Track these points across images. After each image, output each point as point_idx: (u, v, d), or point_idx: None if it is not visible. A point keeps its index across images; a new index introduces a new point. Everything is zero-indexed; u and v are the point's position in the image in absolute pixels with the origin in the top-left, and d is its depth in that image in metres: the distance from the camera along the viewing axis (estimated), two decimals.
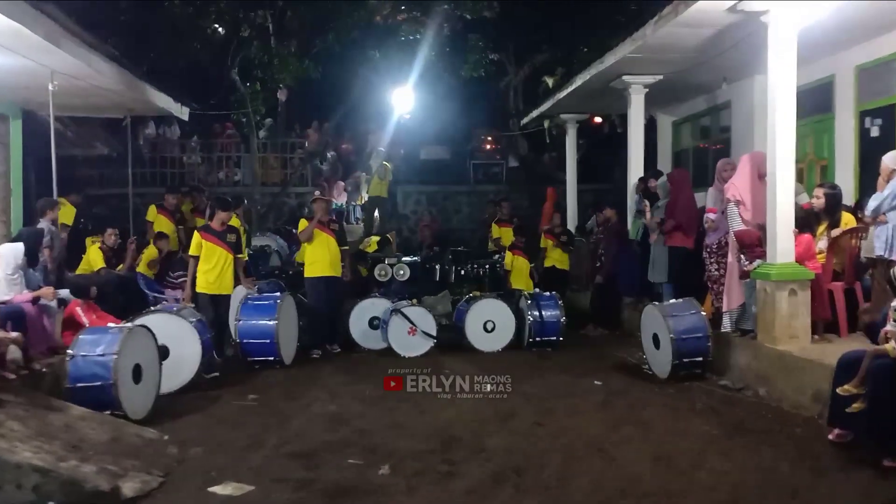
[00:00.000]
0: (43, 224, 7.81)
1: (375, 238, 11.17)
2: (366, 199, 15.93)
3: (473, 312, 9.05)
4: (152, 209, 11.09)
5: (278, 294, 8.50)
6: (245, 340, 8.07)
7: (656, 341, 7.44)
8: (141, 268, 9.49)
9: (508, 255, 10.55)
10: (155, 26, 11.47)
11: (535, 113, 13.44)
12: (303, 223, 9.04)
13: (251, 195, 14.29)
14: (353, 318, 9.13)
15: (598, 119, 19.87)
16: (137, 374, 6.13)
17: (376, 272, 10.56)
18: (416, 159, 17.76)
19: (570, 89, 10.99)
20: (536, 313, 9.08)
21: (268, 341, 7.99)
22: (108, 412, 5.75)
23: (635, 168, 10.29)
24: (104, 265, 8.92)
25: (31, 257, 7.08)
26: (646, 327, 7.72)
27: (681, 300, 7.67)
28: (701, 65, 9.08)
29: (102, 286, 8.77)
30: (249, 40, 13.52)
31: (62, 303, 7.16)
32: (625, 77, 9.97)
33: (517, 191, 17.33)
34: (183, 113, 10.91)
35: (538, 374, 7.75)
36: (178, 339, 7.04)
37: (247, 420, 6.20)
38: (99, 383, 5.78)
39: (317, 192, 9.22)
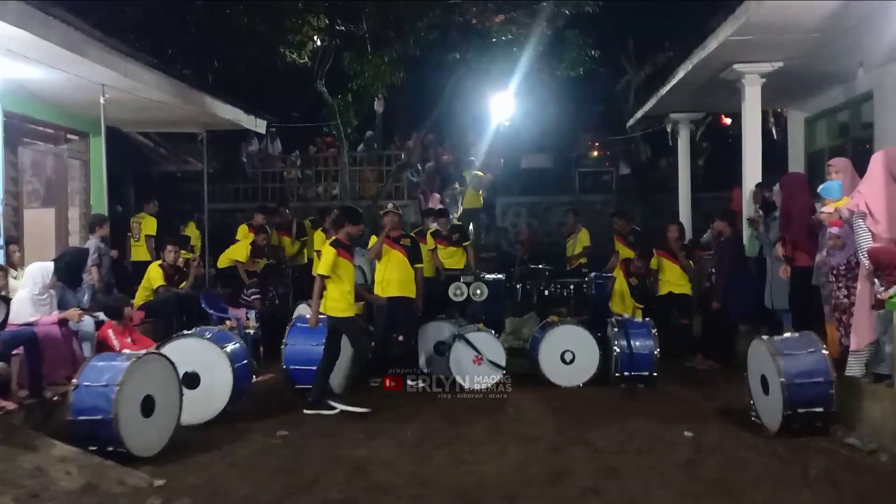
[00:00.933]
0: (92, 242, 7.56)
1: (453, 249, 10.24)
2: (460, 212, 15.09)
3: (549, 341, 7.92)
4: (243, 228, 10.84)
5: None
6: (292, 367, 7.42)
7: (765, 385, 6.04)
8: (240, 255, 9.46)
9: (618, 274, 9.28)
10: (228, 37, 11.20)
11: (639, 113, 12.04)
12: (373, 239, 8.32)
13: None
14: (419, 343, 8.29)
15: (726, 119, 18.03)
16: (148, 406, 5.58)
17: (451, 291, 9.64)
18: (516, 168, 16.72)
19: (672, 83, 9.59)
20: (625, 343, 7.83)
21: (314, 368, 7.30)
22: (110, 448, 5.25)
23: (751, 172, 8.75)
24: (164, 283, 8.62)
25: (72, 277, 6.80)
26: (753, 366, 6.31)
27: (797, 334, 6.20)
28: (826, 47, 7.52)
29: (160, 305, 8.55)
30: (337, 49, 13.07)
31: (101, 325, 6.81)
32: (736, 66, 8.50)
33: (628, 200, 15.88)
34: (259, 126, 10.57)
35: (616, 417, 6.52)
36: (209, 365, 6.48)
37: (262, 463, 5.48)
38: (99, 417, 5.26)
39: (389, 205, 8.42)
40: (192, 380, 6.44)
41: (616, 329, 7.92)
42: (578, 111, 16.85)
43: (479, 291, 9.65)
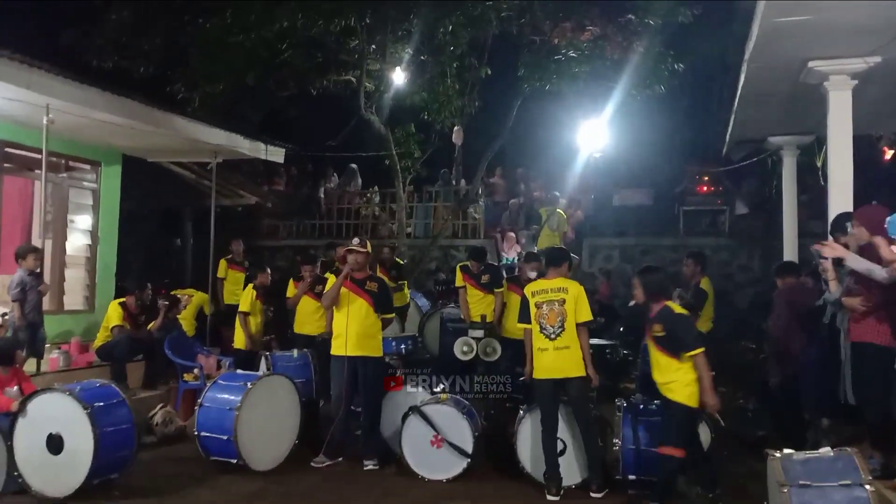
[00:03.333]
0: (17, 274, 6.84)
1: (481, 295, 8.53)
2: None
3: (529, 423, 6.05)
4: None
5: (258, 373, 6.51)
6: (203, 433, 6.16)
7: None
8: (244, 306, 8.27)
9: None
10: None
11: (729, 137, 9.66)
12: (331, 280, 6.92)
13: (398, 247, 12.62)
14: (385, 414, 6.70)
15: (888, 151, 14.78)
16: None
17: (456, 348, 7.94)
18: (608, 205, 14.56)
19: (738, 91, 7.39)
20: (629, 434, 5.77)
21: (225, 437, 6.00)
22: None
23: (838, 207, 6.34)
24: (120, 323, 7.78)
25: None
26: (773, 495, 4.15)
27: (830, 453, 3.96)
28: None
29: (112, 347, 7.72)
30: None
31: None
32: (813, 64, 6.26)
33: (744, 245, 13.26)
34: (272, 154, 9.65)
35: None
36: (72, 428, 5.39)
37: None
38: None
39: (354, 241, 6.90)
40: (56, 443, 5.40)
41: (620, 413, 5.88)
42: (683, 140, 14.44)
43: (489, 349, 7.87)
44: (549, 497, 5.62)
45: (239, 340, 8.28)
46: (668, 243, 13.68)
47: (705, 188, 14.00)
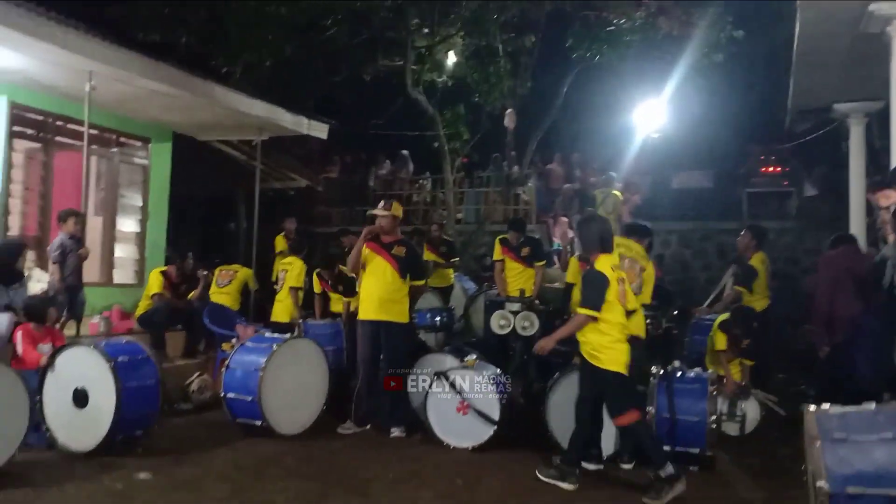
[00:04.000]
0: (59, 237, 7.00)
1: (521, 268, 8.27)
2: None
3: (559, 394, 5.76)
4: None
5: (286, 336, 6.44)
6: (228, 394, 6.13)
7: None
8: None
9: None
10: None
11: (790, 106, 9.03)
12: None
13: (446, 226, 12.43)
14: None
15: None
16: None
17: (493, 322, 7.70)
18: (667, 188, 13.97)
19: (795, 46, 6.87)
20: (664, 402, 5.42)
21: (249, 398, 5.96)
22: None
23: None
24: (160, 290, 7.89)
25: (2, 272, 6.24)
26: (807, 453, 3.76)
27: (870, 408, 3.55)
28: None
29: (151, 315, 7.84)
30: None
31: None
32: (875, 6, 5.75)
33: (811, 228, 12.50)
34: (314, 130, 9.63)
35: None
36: (96, 383, 5.43)
37: None
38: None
39: (380, 205, 6.82)
40: (82, 397, 5.46)
41: (655, 381, 5.53)
42: (745, 117, 13.71)
43: (526, 324, 7.60)
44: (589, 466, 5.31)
45: (277, 313, 8.27)
46: (730, 227, 13.00)
47: (771, 168, 13.27)
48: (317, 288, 8.22)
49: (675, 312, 9.59)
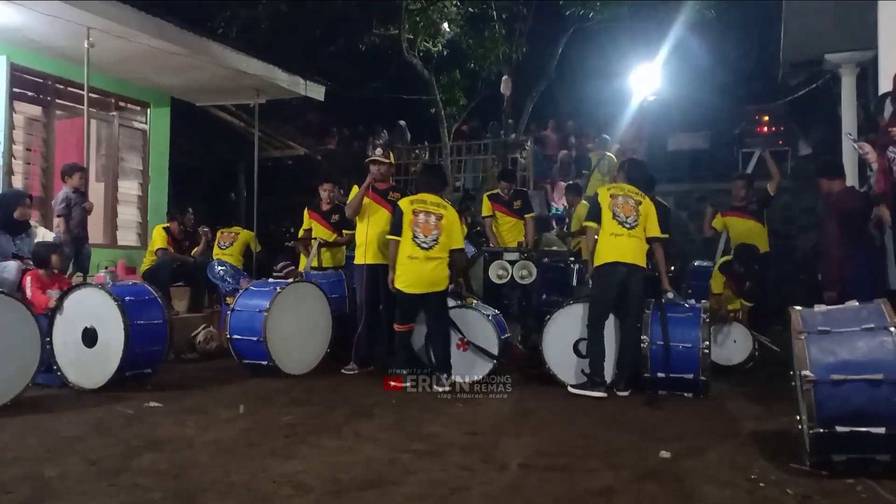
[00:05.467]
0: (63, 191, 7.12)
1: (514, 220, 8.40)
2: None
3: (555, 326, 5.92)
4: None
5: (290, 281, 6.58)
6: (234, 336, 6.29)
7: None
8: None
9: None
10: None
11: (782, 57, 9.10)
12: (354, 191, 6.93)
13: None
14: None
15: None
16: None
17: (491, 272, 7.82)
18: (662, 151, 14.05)
19: None
20: (657, 331, 5.57)
21: (255, 339, 6.11)
22: None
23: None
24: (164, 246, 8.03)
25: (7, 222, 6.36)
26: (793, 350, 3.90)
27: (855, 304, 3.69)
28: None
29: (156, 269, 7.97)
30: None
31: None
32: None
33: (807, 187, 12.60)
34: (311, 91, 9.70)
35: (604, 449, 4.23)
36: (105, 321, 5.57)
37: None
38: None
39: (376, 152, 6.96)
40: (91, 336, 5.61)
41: (649, 311, 5.68)
42: (739, 77, 13.77)
43: (525, 273, 7.71)
44: (594, 394, 5.48)
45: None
46: (724, 187, 13.10)
47: (765, 128, 13.34)
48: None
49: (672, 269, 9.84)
